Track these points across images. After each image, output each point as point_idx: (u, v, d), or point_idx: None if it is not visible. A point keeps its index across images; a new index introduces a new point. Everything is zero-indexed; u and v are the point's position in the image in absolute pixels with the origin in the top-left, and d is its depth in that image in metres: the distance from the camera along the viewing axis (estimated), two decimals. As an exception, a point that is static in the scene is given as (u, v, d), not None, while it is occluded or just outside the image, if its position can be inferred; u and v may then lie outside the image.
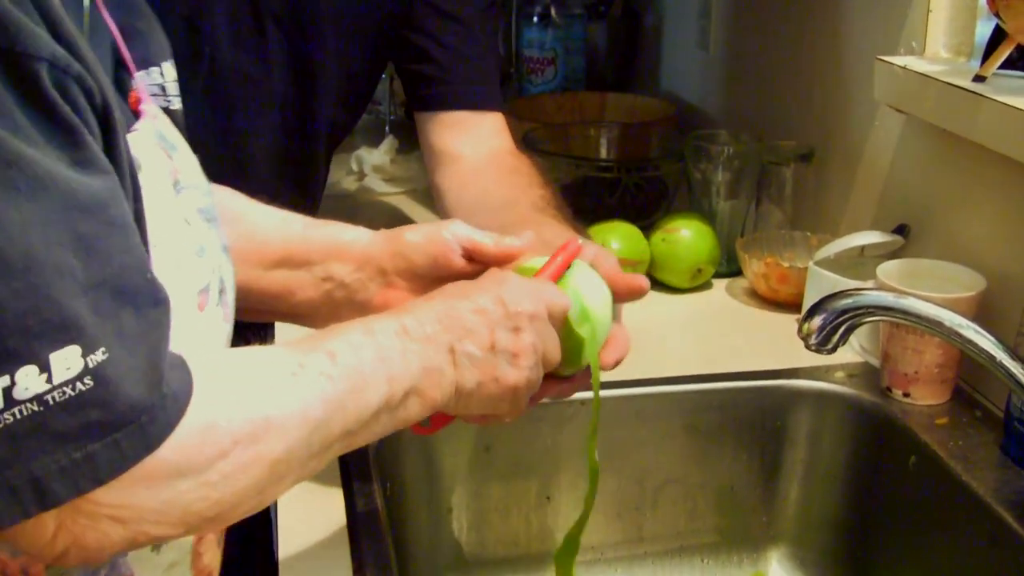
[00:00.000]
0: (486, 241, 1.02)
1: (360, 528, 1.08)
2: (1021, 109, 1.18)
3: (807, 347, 1.08)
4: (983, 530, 1.13)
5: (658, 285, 1.62)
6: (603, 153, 1.95)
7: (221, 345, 0.86)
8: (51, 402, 0.63)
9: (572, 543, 1.09)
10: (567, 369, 0.99)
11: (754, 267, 1.56)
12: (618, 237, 1.57)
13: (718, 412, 1.35)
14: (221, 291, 0.85)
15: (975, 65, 1.32)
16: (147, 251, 0.74)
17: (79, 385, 0.64)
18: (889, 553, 1.28)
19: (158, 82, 0.88)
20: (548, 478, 1.34)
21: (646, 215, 1.74)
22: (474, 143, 1.49)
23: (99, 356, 0.65)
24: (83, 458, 0.65)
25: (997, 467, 1.18)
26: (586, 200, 1.72)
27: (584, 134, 1.97)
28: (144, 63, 0.86)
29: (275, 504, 1.14)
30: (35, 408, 0.63)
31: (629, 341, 1.04)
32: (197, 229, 0.84)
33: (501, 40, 2.63)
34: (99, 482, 0.66)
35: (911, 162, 1.47)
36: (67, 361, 0.63)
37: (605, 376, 1.34)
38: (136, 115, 0.82)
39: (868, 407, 1.31)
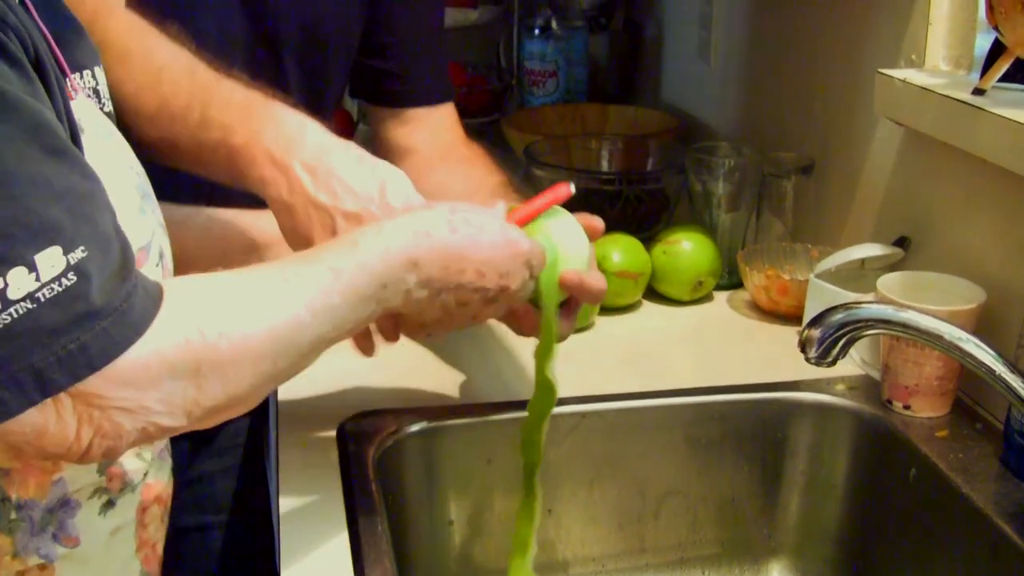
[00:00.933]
0: None
1: (362, 539, 1.08)
2: (1020, 122, 1.19)
3: (807, 360, 1.08)
4: (983, 542, 1.13)
5: (659, 297, 1.63)
6: (604, 165, 1.96)
7: None
8: (41, 299, 0.71)
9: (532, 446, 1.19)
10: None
11: (755, 279, 1.57)
12: (619, 249, 1.58)
13: (719, 424, 1.36)
14: (161, 255, 0.92)
15: (975, 78, 1.32)
16: None
17: (64, 281, 0.71)
18: (889, 565, 1.28)
19: (91, 85, 0.91)
20: (550, 490, 1.34)
21: (647, 227, 1.75)
22: (429, 136, 1.51)
23: (79, 254, 0.72)
24: (77, 348, 0.72)
25: (997, 479, 1.18)
26: (587, 212, 1.72)
27: (586, 146, 1.97)
28: (77, 67, 0.89)
29: (277, 515, 1.14)
30: (28, 306, 0.70)
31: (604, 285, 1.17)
32: (137, 196, 0.90)
33: (503, 52, 2.64)
34: (93, 368, 0.73)
35: (911, 175, 1.48)
36: (51, 260, 0.71)
37: (601, 387, 1.35)
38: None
39: (868, 419, 1.32)
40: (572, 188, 1.14)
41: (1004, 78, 1.27)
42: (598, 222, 1.19)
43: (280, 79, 1.40)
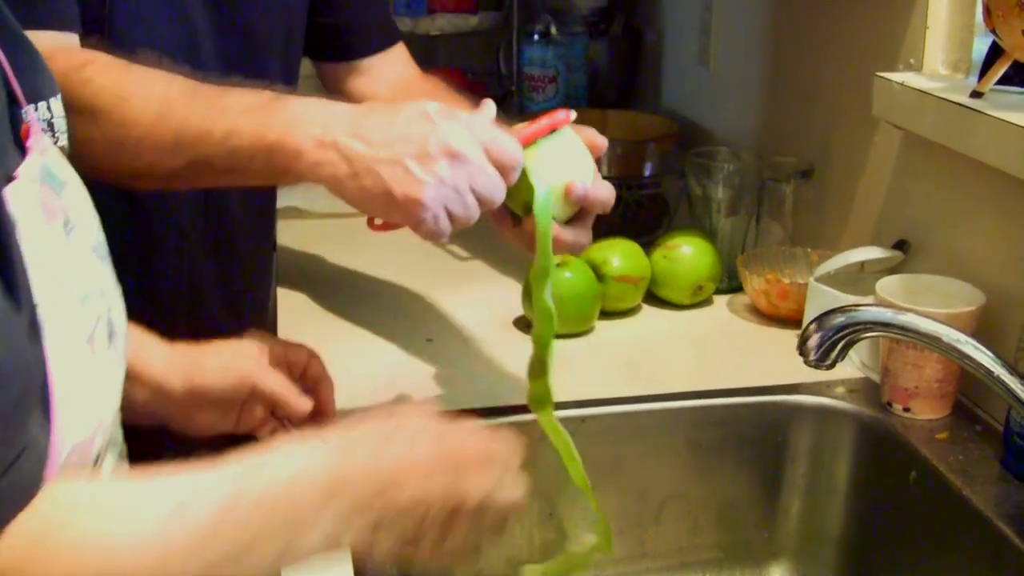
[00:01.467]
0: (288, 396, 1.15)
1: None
2: (1018, 125, 1.19)
3: (806, 363, 1.08)
4: (984, 544, 1.13)
5: (659, 302, 1.63)
6: (604, 170, 1.95)
7: (115, 389, 0.86)
8: None
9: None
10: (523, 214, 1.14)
11: (755, 283, 1.57)
12: (619, 254, 1.58)
13: (719, 428, 1.36)
14: (111, 335, 0.85)
15: (973, 81, 1.32)
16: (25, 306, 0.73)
17: None
18: (890, 568, 1.28)
19: (46, 117, 0.88)
20: (551, 495, 1.34)
21: (647, 232, 1.75)
22: (387, 79, 1.54)
23: None
24: None
25: (997, 481, 1.18)
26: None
27: (585, 151, 1.97)
28: (33, 97, 0.86)
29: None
30: None
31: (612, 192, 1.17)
32: (89, 270, 0.84)
33: (503, 58, 2.65)
34: None
35: (910, 178, 1.48)
36: None
37: (601, 392, 1.35)
38: (24, 151, 0.81)
39: (869, 422, 1.32)
40: (573, 114, 1.15)
41: (1002, 81, 1.28)
42: (600, 139, 1.19)
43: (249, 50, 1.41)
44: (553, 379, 1.18)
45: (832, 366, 1.08)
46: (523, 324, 1.53)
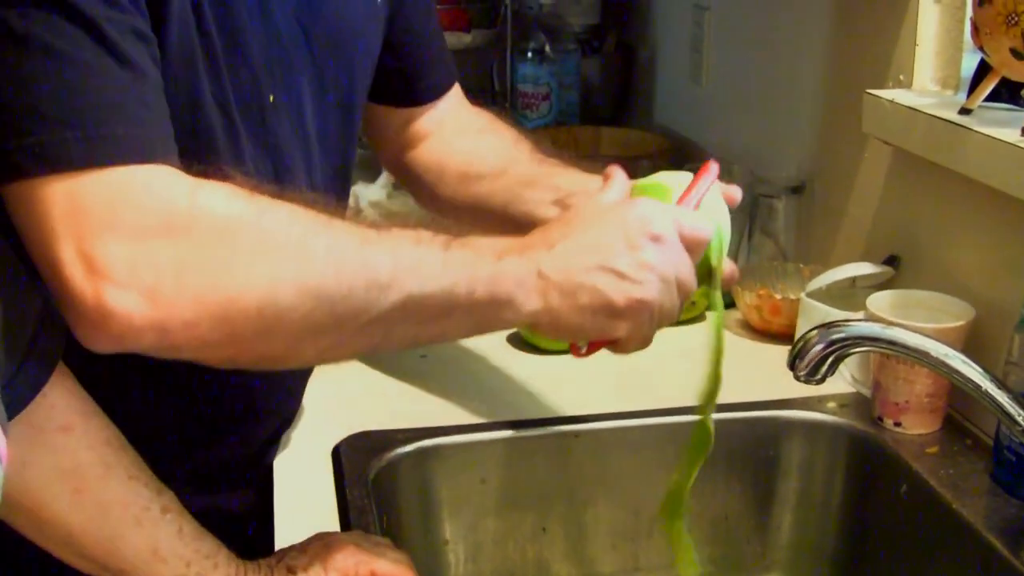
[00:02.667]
0: None
1: (357, 560, 1.09)
2: (1006, 141, 1.20)
3: (796, 377, 1.09)
4: (974, 558, 1.14)
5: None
6: (597, 187, 1.96)
7: None
8: None
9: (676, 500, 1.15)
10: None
11: (747, 299, 1.58)
12: (612, 270, 1.58)
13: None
14: None
15: (962, 98, 1.33)
16: None
17: None
18: (882, 581, 1.29)
19: None
20: (544, 510, 1.35)
21: (640, 248, 1.75)
22: (444, 120, 1.42)
23: None
24: None
25: (987, 495, 1.19)
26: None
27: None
28: None
29: (272, 537, 1.15)
30: None
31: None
32: None
33: (496, 75, 2.66)
34: None
35: (901, 194, 1.49)
36: None
37: (594, 407, 1.35)
38: None
39: (860, 437, 1.33)
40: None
41: (990, 97, 1.29)
42: (736, 191, 1.18)
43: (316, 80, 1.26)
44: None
45: (822, 381, 1.09)
46: (516, 339, 1.54)
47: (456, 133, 1.40)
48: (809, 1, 1.72)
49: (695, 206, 1.07)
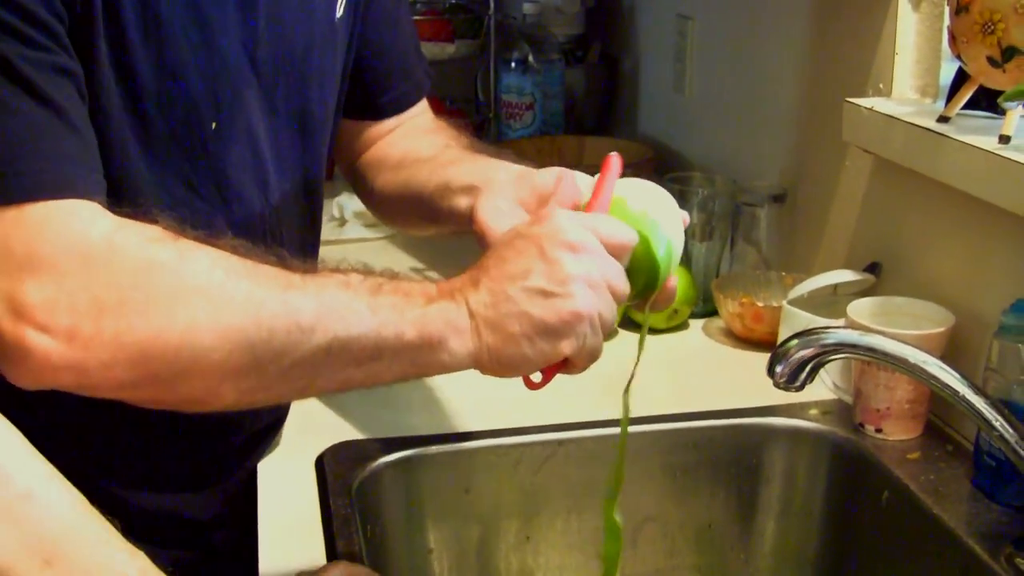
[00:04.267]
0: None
1: (340, 569, 1.09)
2: (983, 149, 1.21)
3: (775, 384, 1.09)
4: (955, 563, 1.15)
5: (634, 325, 1.64)
6: (581, 196, 1.97)
7: None
8: None
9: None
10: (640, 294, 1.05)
11: (729, 307, 1.58)
12: (595, 279, 1.59)
13: (695, 451, 1.37)
14: None
15: (941, 106, 1.34)
16: None
17: None
18: (865, 587, 1.29)
19: None
20: (527, 518, 1.35)
21: (623, 257, 1.76)
22: (409, 133, 1.38)
23: None
24: None
25: (968, 500, 1.20)
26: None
27: (562, 178, 1.99)
28: None
29: (256, 544, 1.15)
30: None
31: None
32: None
33: (480, 86, 2.66)
34: None
35: (881, 201, 1.50)
36: None
37: (577, 415, 1.36)
38: None
39: (841, 443, 1.33)
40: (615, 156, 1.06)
41: (968, 105, 1.30)
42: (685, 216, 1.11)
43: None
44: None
45: (801, 387, 1.09)
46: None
47: (403, 135, 1.37)
48: (789, 11, 1.73)
49: (606, 206, 1.02)
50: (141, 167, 1.02)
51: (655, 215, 1.02)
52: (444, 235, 1.28)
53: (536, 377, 1.00)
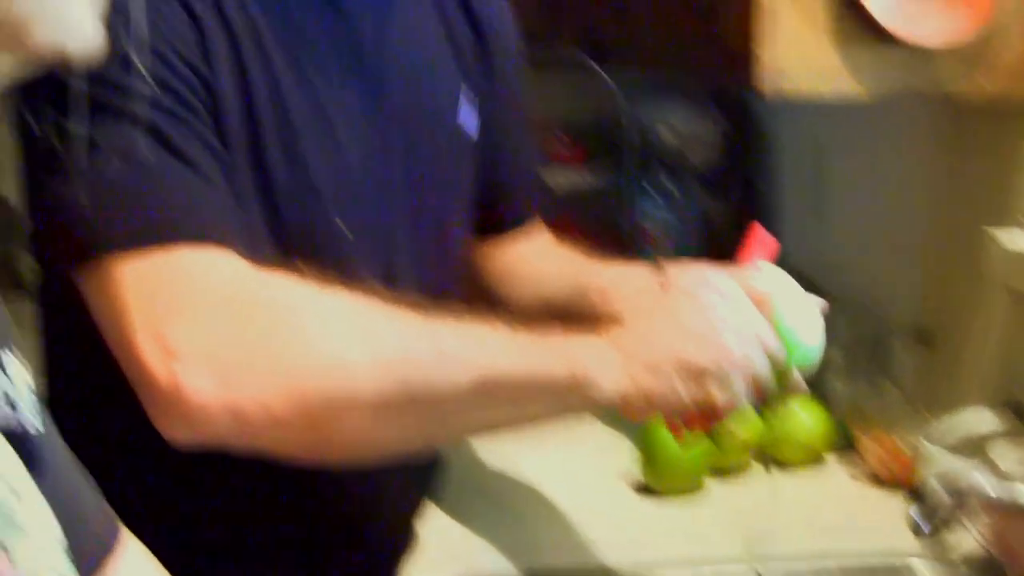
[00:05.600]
0: None
1: None
2: None
3: (915, 532, 1.07)
4: None
5: (771, 462, 1.61)
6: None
7: None
8: None
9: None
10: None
11: (869, 446, 1.55)
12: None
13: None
14: None
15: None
16: None
17: None
18: None
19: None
20: None
21: (758, 390, 1.74)
22: (525, 248, 1.38)
23: None
24: None
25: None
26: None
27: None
28: None
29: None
30: None
31: None
32: None
33: (616, 212, 2.67)
34: None
35: (1025, 339, 1.46)
36: None
37: (712, 552, 1.34)
38: None
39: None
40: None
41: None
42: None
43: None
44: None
45: (940, 535, 1.06)
46: (636, 483, 1.53)
47: (527, 250, 1.38)
48: (926, 140, 1.71)
49: (751, 267, 1.08)
50: (270, 252, 1.05)
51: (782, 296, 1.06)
52: None
53: (680, 423, 1.03)
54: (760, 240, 1.08)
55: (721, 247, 2.57)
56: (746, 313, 1.00)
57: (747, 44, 1.40)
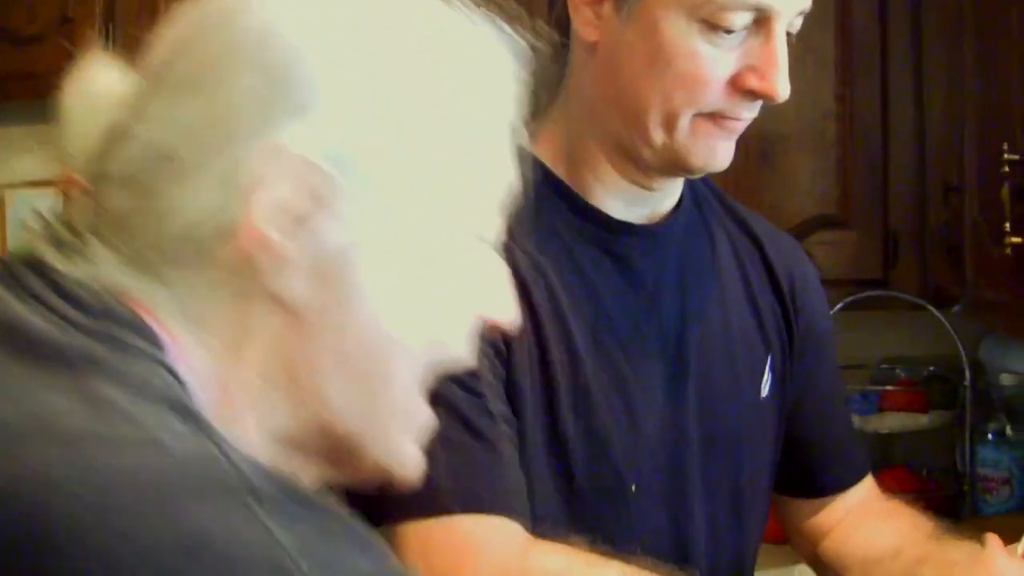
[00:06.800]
0: None
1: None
2: None
3: None
4: None
5: None
6: None
7: None
8: None
9: None
10: None
11: None
12: None
13: None
14: None
15: None
16: None
17: None
18: None
19: None
20: None
21: None
22: (850, 507, 1.38)
23: None
24: None
25: None
26: None
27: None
28: None
29: None
30: None
31: None
32: None
33: (957, 456, 2.60)
34: None
35: None
36: None
37: None
38: None
39: None
40: None
41: None
42: None
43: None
44: None
45: None
46: None
47: (857, 523, 1.37)
48: None
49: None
50: (560, 517, 1.11)
51: None
52: None
53: None
54: None
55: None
56: None
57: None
